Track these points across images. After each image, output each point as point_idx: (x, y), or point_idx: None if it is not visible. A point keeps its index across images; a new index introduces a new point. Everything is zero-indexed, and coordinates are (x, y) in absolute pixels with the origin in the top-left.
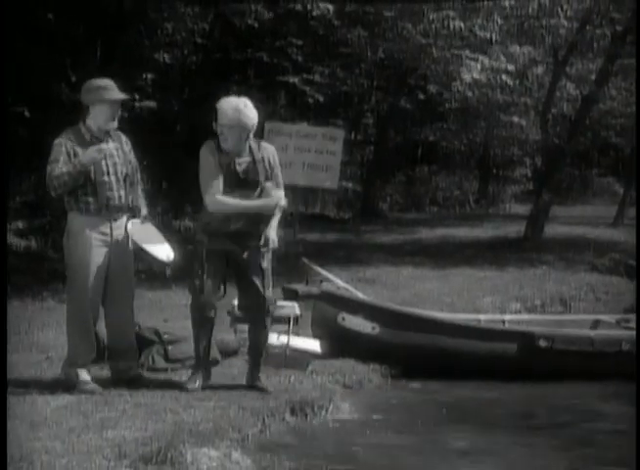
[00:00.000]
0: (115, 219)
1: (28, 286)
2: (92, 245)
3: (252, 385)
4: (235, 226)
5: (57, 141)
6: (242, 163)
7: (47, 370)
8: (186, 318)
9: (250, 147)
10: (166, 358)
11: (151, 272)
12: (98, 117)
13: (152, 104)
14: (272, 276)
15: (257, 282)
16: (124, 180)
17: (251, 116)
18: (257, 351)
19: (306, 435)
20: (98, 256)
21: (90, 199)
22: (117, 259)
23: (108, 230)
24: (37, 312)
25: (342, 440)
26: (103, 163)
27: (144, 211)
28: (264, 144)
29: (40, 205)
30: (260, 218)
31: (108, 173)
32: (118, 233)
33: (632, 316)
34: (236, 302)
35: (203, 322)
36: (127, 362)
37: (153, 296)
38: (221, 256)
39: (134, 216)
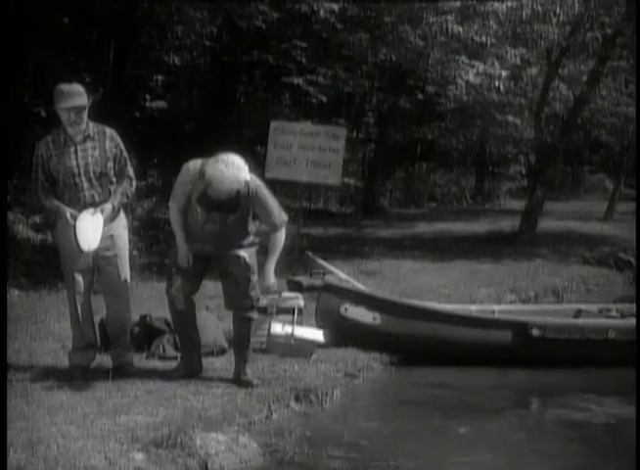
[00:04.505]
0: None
1: (45, 278)
2: (70, 236)
3: (237, 378)
4: (211, 228)
5: (36, 144)
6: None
7: (63, 358)
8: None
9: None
10: (176, 347)
11: (161, 265)
12: (63, 122)
13: (162, 104)
14: (277, 269)
15: (240, 279)
16: (98, 179)
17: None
18: (242, 344)
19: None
20: (76, 247)
21: (65, 196)
22: (101, 251)
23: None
24: (53, 303)
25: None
26: (74, 163)
27: (110, 204)
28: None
29: None
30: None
31: (79, 174)
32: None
33: (613, 305)
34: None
35: (175, 315)
36: (120, 350)
37: (163, 287)
38: (199, 256)
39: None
